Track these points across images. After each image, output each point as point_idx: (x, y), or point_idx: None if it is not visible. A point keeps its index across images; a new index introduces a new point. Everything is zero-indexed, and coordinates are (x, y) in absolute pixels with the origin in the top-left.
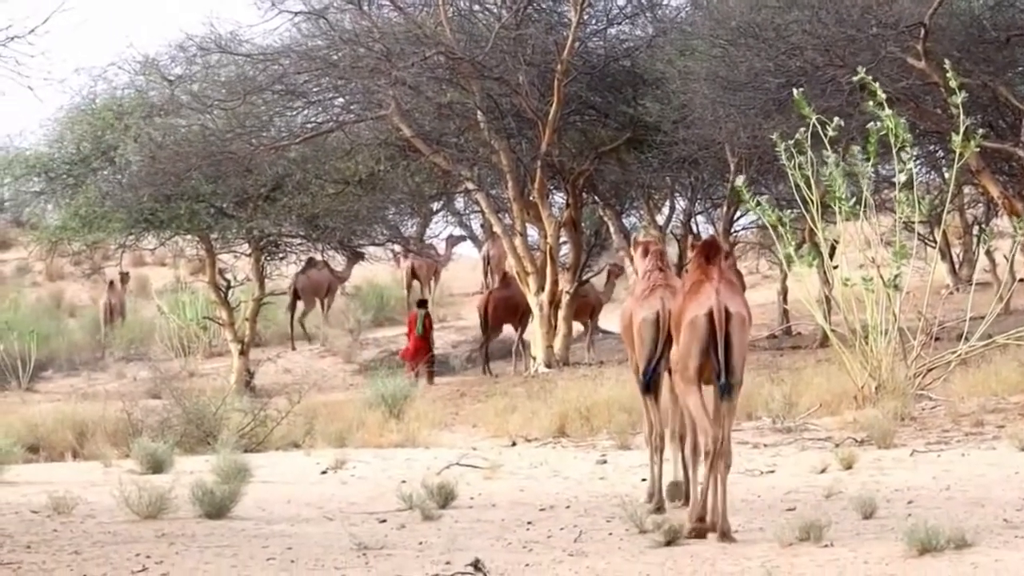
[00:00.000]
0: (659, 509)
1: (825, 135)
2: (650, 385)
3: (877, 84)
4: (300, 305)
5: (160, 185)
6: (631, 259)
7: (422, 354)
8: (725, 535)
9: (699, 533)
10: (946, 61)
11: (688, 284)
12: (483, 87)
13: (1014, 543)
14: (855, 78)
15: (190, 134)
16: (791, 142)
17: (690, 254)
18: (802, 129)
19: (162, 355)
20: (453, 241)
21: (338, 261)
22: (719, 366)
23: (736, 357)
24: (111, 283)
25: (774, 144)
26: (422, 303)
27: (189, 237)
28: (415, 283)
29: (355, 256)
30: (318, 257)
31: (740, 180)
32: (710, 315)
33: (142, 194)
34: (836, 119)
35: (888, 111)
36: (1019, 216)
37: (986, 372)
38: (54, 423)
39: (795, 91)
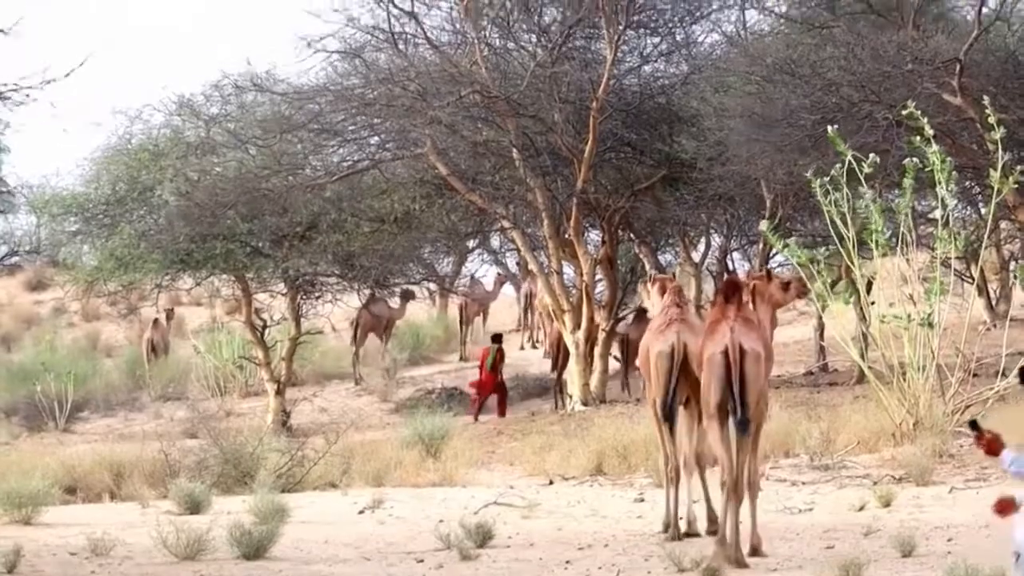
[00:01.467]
0: (676, 538)
1: (861, 171)
2: (668, 416)
3: (925, 119)
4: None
5: (196, 224)
6: (648, 295)
7: (489, 389)
8: (739, 562)
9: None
10: (984, 97)
11: (708, 322)
12: (518, 125)
13: None
14: (904, 112)
15: (226, 172)
16: (826, 179)
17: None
18: (837, 166)
19: (199, 395)
20: (501, 279)
21: (394, 300)
22: (734, 402)
23: (751, 393)
24: (155, 320)
25: (809, 181)
26: (496, 338)
27: (225, 276)
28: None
29: (407, 295)
30: (378, 293)
31: (764, 224)
32: (725, 352)
33: (178, 234)
34: (872, 155)
35: (935, 147)
36: None
37: (1017, 410)
38: (91, 464)
39: (830, 128)
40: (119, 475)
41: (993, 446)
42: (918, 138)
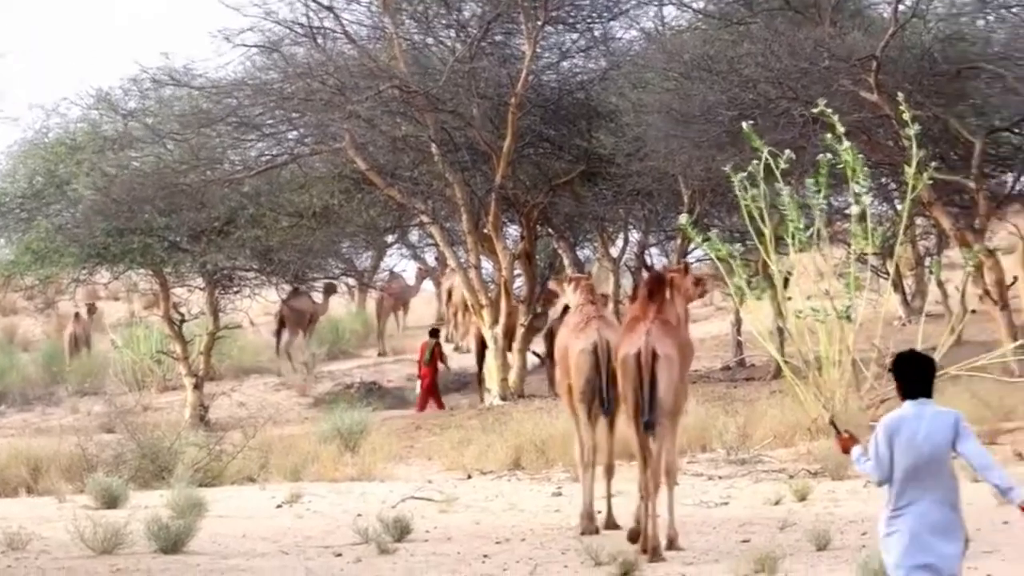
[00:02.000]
0: (590, 530)
1: (777, 167)
2: (608, 406)
3: (836, 116)
4: (285, 334)
5: (113, 218)
6: (563, 292)
7: (427, 382)
8: (655, 552)
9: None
10: (899, 94)
11: (627, 320)
12: (437, 120)
13: (968, 574)
14: (815, 110)
15: (144, 167)
16: (744, 175)
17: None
18: (755, 162)
19: (116, 389)
20: (422, 274)
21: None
22: (643, 404)
23: (661, 395)
24: (76, 314)
25: (727, 177)
26: (434, 332)
27: (143, 271)
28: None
29: (329, 289)
30: (301, 288)
31: (684, 218)
32: (638, 355)
33: (95, 228)
34: (788, 152)
35: (847, 143)
36: (970, 247)
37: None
38: (8, 458)
39: (745, 124)
40: (36, 469)
41: (846, 444)
42: (831, 135)
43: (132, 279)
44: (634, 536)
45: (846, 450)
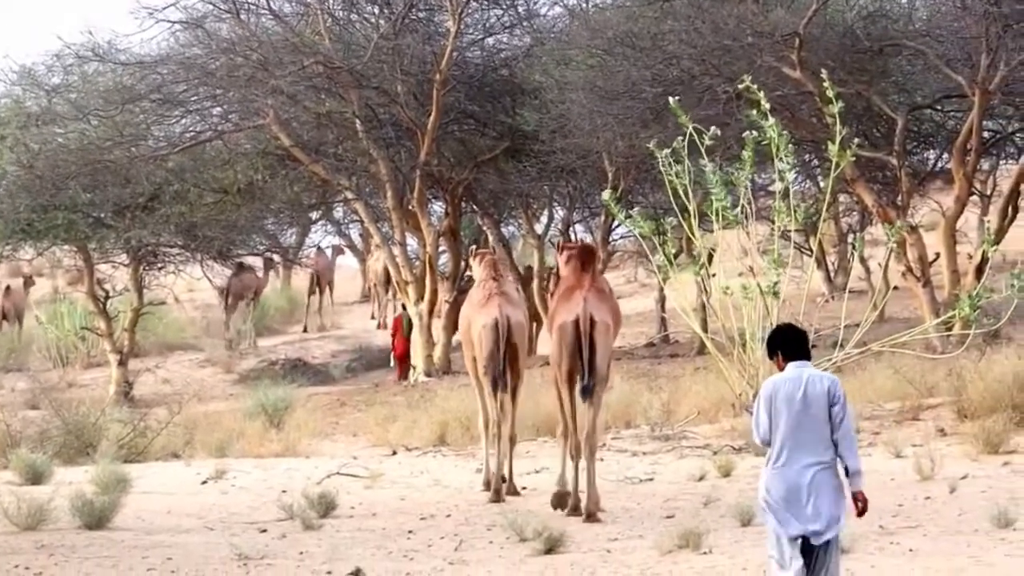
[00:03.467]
0: (496, 497)
1: (702, 144)
2: (496, 385)
3: (762, 93)
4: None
5: (37, 195)
6: (471, 268)
7: (403, 352)
8: (591, 516)
9: (560, 506)
10: (823, 71)
11: (562, 289)
12: (361, 96)
13: (889, 549)
14: (740, 86)
15: (68, 143)
16: (668, 151)
17: (558, 256)
18: (679, 138)
19: (40, 366)
20: (339, 250)
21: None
22: (583, 369)
23: (599, 360)
24: (7, 288)
25: (651, 153)
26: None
27: (67, 247)
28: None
29: (269, 264)
30: (245, 263)
31: (607, 194)
32: (576, 322)
33: (19, 204)
34: (713, 128)
35: (771, 120)
36: (893, 224)
37: (862, 379)
38: None
39: (671, 99)
40: None
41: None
42: (755, 112)
43: (56, 255)
44: (560, 501)
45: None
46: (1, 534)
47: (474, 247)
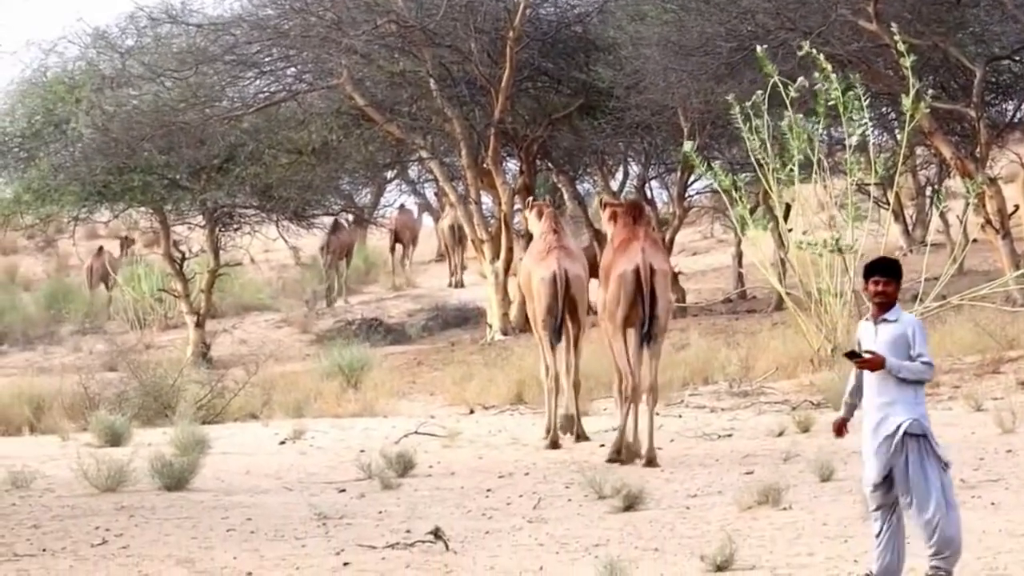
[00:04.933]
0: (555, 445)
1: (787, 95)
2: (557, 336)
3: (821, 56)
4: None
5: (112, 157)
6: (527, 221)
7: None
8: (651, 461)
9: (617, 461)
10: (894, 24)
11: (617, 241)
12: (435, 55)
13: (970, 503)
14: (800, 52)
15: (142, 105)
16: (749, 103)
17: (602, 213)
18: (759, 92)
19: (118, 328)
20: (423, 208)
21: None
22: (644, 316)
23: (660, 309)
24: (100, 248)
25: (728, 107)
26: None
27: (143, 209)
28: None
29: (359, 220)
30: (340, 219)
31: (688, 146)
32: (636, 271)
33: (94, 166)
34: (800, 79)
35: (834, 81)
36: (971, 177)
37: (941, 333)
38: (10, 398)
39: (758, 47)
40: (39, 408)
41: (878, 360)
42: (817, 74)
43: (132, 217)
44: (618, 453)
45: (880, 364)
46: (81, 496)
47: (530, 199)
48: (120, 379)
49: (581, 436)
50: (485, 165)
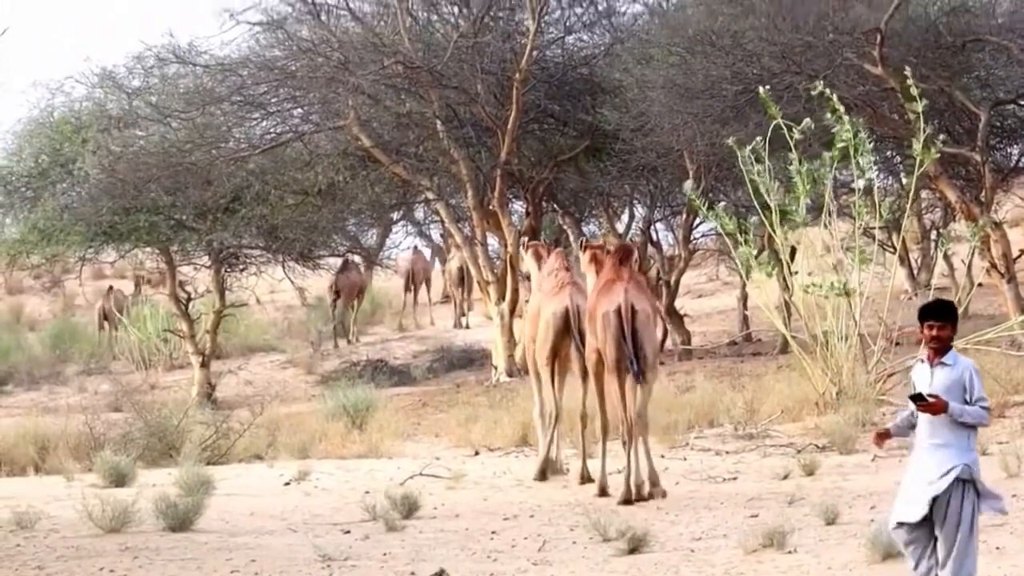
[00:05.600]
0: (543, 478)
1: (791, 137)
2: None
3: (835, 95)
4: (339, 305)
5: (119, 197)
6: (522, 261)
7: None
8: (664, 495)
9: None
10: (907, 68)
11: (601, 283)
12: (442, 96)
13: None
14: (814, 92)
15: (148, 146)
16: (751, 147)
17: (582, 255)
18: (758, 138)
19: (123, 368)
20: (436, 251)
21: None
22: (629, 356)
23: (645, 347)
24: (110, 288)
25: (732, 151)
26: None
27: (149, 249)
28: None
29: (369, 261)
30: (350, 260)
31: (688, 185)
32: (619, 311)
33: (101, 207)
34: (806, 120)
35: (846, 121)
36: (976, 220)
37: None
38: (15, 438)
39: (761, 89)
40: (44, 448)
41: (940, 404)
42: (830, 115)
43: (138, 258)
44: (603, 492)
45: (943, 409)
46: (85, 536)
47: (525, 239)
48: (125, 419)
49: (586, 478)
50: (491, 206)
